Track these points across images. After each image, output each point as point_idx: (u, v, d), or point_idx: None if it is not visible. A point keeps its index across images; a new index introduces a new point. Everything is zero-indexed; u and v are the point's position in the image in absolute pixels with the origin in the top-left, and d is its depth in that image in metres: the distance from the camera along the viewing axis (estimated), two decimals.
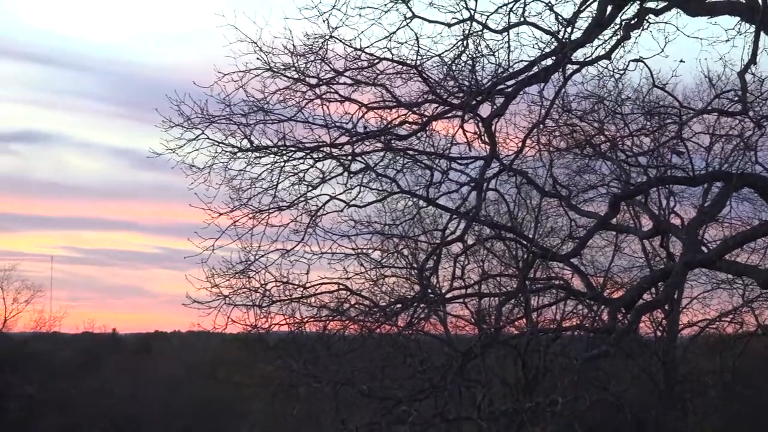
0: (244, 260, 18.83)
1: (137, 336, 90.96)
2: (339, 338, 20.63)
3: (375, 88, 18.44)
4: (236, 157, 18.29)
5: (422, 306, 19.23)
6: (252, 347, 28.34)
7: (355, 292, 20.46)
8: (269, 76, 18.17)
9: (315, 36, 18.01)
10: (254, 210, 18.43)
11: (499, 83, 18.05)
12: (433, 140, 18.68)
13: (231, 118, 18.23)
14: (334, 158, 18.42)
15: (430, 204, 19.15)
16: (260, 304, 19.25)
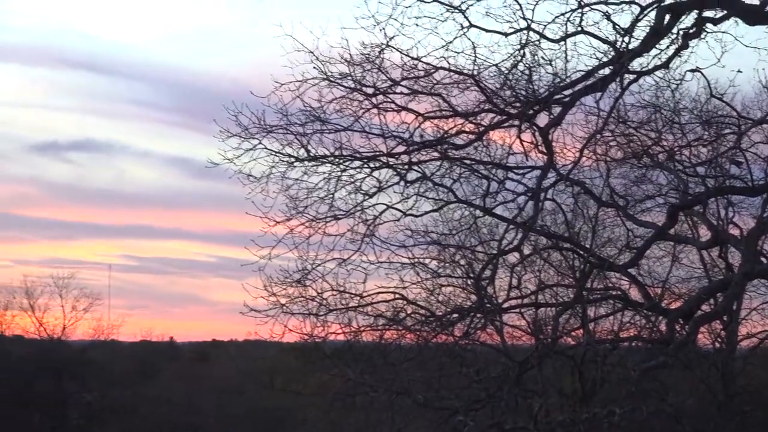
0: (301, 269, 18.91)
1: (194, 344, 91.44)
2: (395, 348, 20.63)
3: (432, 97, 18.46)
4: (293, 166, 18.37)
5: (479, 316, 19.19)
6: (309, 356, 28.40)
7: (411, 302, 20.45)
8: (326, 86, 18.26)
9: (372, 45, 18.08)
10: (311, 219, 18.49)
11: (556, 93, 18.01)
12: (490, 150, 18.68)
13: (288, 128, 18.31)
14: (391, 167, 18.44)
15: (487, 214, 19.12)
16: (317, 313, 19.29)
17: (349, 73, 18.21)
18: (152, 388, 65.38)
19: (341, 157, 18.34)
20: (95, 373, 66.38)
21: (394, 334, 20.45)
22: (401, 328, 20.01)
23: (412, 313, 20.17)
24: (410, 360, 20.47)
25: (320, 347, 21.94)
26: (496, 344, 30.01)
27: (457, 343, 20.24)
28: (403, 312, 20.16)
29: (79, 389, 64.69)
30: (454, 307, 21.83)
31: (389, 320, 20.13)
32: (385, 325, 20.21)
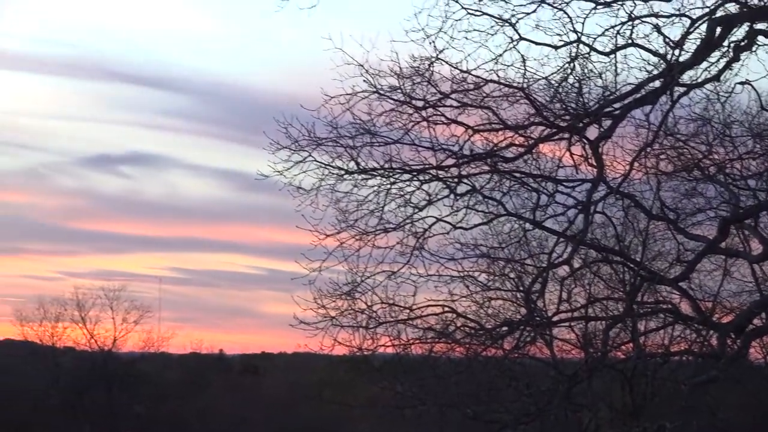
0: (351, 282, 18.92)
1: (244, 357, 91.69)
2: (445, 361, 20.62)
3: (481, 110, 18.45)
4: (343, 179, 18.41)
5: (528, 329, 19.15)
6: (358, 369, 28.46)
7: (461, 315, 20.42)
8: (376, 99, 18.29)
9: (421, 58, 18.10)
10: (360, 232, 18.52)
11: (607, 105, 17.96)
12: (540, 163, 18.64)
13: (338, 141, 18.36)
14: (441, 180, 18.44)
15: (537, 227, 19.07)
16: (366, 326, 19.29)
17: (398, 86, 18.25)
18: (202, 400, 65.64)
19: (391, 170, 18.37)
20: (145, 384, 66.77)
21: (444, 347, 20.43)
22: (450, 341, 19.97)
23: (462, 326, 20.12)
24: (459, 373, 20.43)
25: (369, 360, 21.98)
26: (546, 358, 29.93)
27: (506, 357, 20.19)
28: (452, 325, 20.13)
29: (129, 401, 65.08)
30: (504, 320, 21.82)
31: (438, 333, 20.10)
32: (434, 338, 20.18)
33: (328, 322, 18.90)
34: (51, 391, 64.47)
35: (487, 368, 20.75)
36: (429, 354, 20.52)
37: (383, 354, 20.89)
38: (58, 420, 62.10)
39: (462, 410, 19.23)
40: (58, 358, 67.99)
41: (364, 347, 19.55)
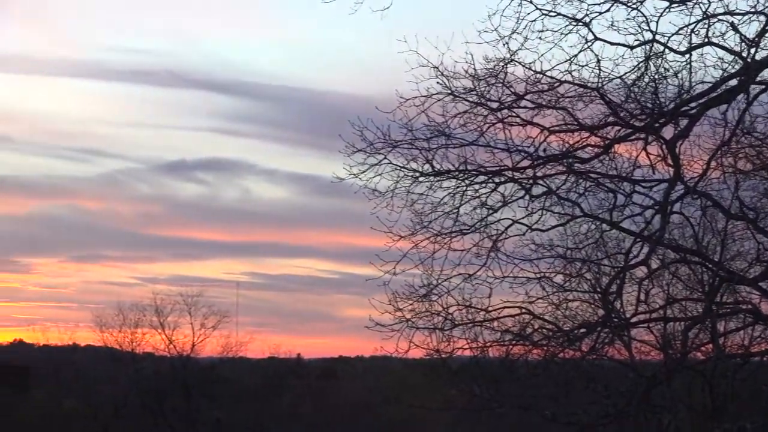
0: (426, 284, 18.93)
1: (321, 361, 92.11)
2: (522, 363, 20.55)
3: (556, 111, 18.41)
4: (418, 181, 18.45)
5: (606, 330, 19.03)
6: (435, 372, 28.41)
7: (537, 316, 20.34)
8: (450, 101, 18.31)
9: (495, 60, 18.09)
10: (436, 234, 18.54)
11: (683, 105, 17.82)
12: (616, 163, 18.54)
13: (413, 143, 18.40)
14: (516, 182, 18.42)
15: (614, 227, 18.97)
16: (442, 328, 19.29)
17: (473, 88, 18.25)
18: (280, 404, 65.95)
19: (466, 171, 18.38)
20: (224, 389, 67.20)
21: (521, 349, 20.36)
22: (527, 343, 19.90)
23: (539, 328, 20.05)
24: (537, 375, 20.35)
25: (446, 363, 21.92)
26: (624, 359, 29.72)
27: (584, 358, 20.08)
28: (529, 327, 20.07)
29: (208, 405, 65.52)
30: (581, 321, 21.68)
31: (515, 335, 20.03)
32: (511, 341, 20.11)
33: (404, 325, 18.92)
34: (131, 396, 65.09)
35: (564, 370, 20.62)
36: (506, 356, 20.45)
37: (460, 357, 20.86)
38: (138, 425, 62.70)
39: (539, 412, 19.13)
40: (137, 364, 68.66)
41: (440, 350, 19.54)
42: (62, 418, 62.34)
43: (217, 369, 70.49)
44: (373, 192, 18.47)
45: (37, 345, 79.02)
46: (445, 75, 18.15)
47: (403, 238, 18.42)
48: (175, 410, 63.85)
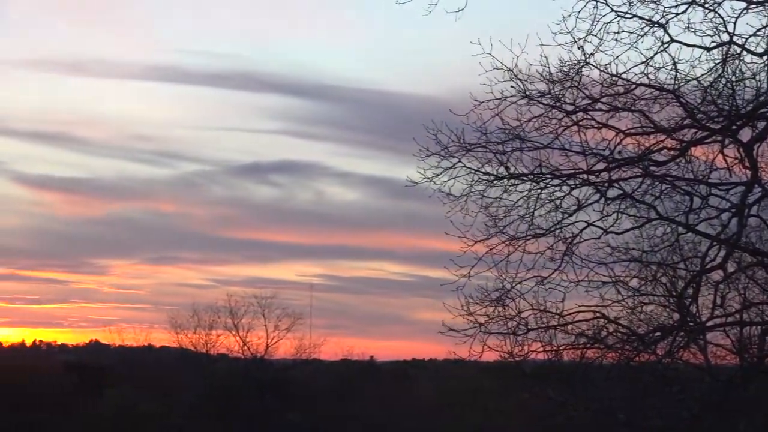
0: (500, 288, 18.89)
1: (394, 363, 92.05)
2: (597, 367, 20.43)
3: (632, 113, 18.30)
4: (493, 184, 18.42)
5: (681, 334, 18.90)
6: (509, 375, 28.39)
7: (612, 320, 20.20)
8: (525, 104, 18.26)
9: (570, 62, 18.01)
10: (510, 237, 18.50)
11: (760, 107, 17.65)
12: (692, 166, 18.43)
13: (487, 146, 18.38)
14: (591, 185, 18.34)
15: (690, 230, 18.83)
16: (516, 332, 19.22)
17: (548, 91, 18.19)
18: (353, 406, 66.04)
19: (541, 175, 18.33)
20: (297, 391, 67.42)
21: (595, 353, 20.24)
22: (602, 347, 19.79)
23: (613, 332, 19.93)
24: (612, 379, 20.22)
25: (520, 366, 21.86)
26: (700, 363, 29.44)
27: (659, 362, 19.92)
28: (604, 330, 19.95)
29: (281, 408, 65.77)
30: (657, 325, 21.53)
31: (590, 339, 19.93)
32: (585, 344, 20.01)
33: (478, 329, 18.87)
34: (205, 397, 65.51)
35: (640, 374, 20.47)
36: (580, 360, 20.35)
37: (534, 360, 20.79)
38: (211, 426, 63.05)
39: (615, 416, 19.00)
40: (212, 365, 69.10)
41: (514, 353, 19.48)
42: (137, 418, 62.87)
43: (290, 371, 70.75)
44: (448, 196, 18.48)
45: (112, 346, 79.90)
46: (519, 78, 18.12)
47: (477, 242, 18.40)
48: (248, 412, 64.15)
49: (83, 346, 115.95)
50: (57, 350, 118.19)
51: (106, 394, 67.97)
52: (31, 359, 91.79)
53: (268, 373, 68.33)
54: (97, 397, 67.58)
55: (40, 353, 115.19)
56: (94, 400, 66.91)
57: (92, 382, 71.57)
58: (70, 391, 68.53)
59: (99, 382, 71.63)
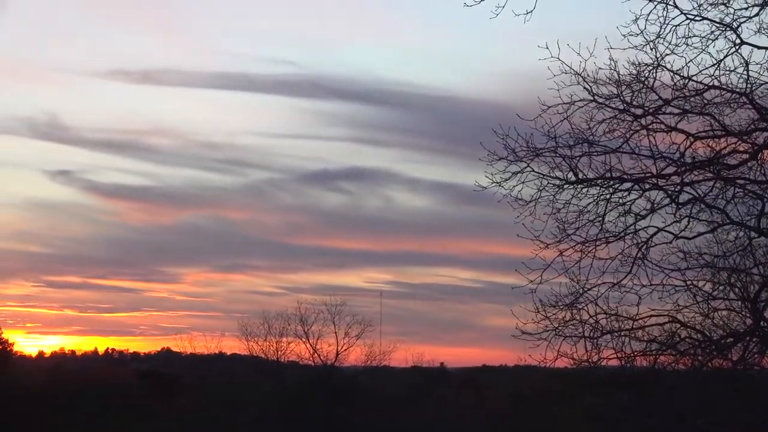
0: (572, 293, 18.74)
1: (465, 370, 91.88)
2: (670, 372, 20.22)
3: (703, 116, 18.12)
4: (562, 189, 18.30)
5: (755, 340, 18.67)
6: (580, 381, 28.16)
7: (686, 325, 20.01)
8: (594, 107, 18.13)
9: (641, 65, 17.85)
10: (581, 242, 18.36)
11: None
12: (765, 169, 18.18)
13: (556, 150, 18.27)
14: (662, 189, 18.16)
15: (763, 235, 18.60)
16: (590, 337, 19.06)
17: (617, 94, 18.06)
18: (423, 413, 65.98)
19: (611, 179, 18.19)
20: (367, 398, 67.44)
21: (668, 358, 20.04)
22: (675, 352, 19.59)
23: (687, 338, 19.73)
24: (685, 385, 20.00)
25: (593, 372, 21.70)
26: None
27: (734, 368, 19.69)
28: (677, 336, 19.75)
29: (351, 414, 65.83)
30: (730, 330, 21.30)
31: (663, 344, 19.74)
32: (658, 350, 19.82)
33: (551, 333, 18.74)
34: (275, 404, 65.73)
35: (713, 380, 20.24)
36: (653, 365, 20.15)
37: (606, 366, 20.62)
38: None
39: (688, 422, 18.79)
40: (282, 372, 69.33)
41: (587, 359, 19.33)
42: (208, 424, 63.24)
43: (360, 378, 70.80)
44: (517, 201, 18.39)
45: (184, 354, 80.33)
46: (587, 82, 18.00)
47: (548, 246, 18.28)
48: (318, 419, 64.29)
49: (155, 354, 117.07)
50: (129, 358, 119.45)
51: (177, 402, 68.41)
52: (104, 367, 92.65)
53: (338, 380, 68.40)
54: (169, 405, 68.05)
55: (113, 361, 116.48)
56: (166, 408, 67.38)
57: (164, 389, 72.12)
58: (143, 398, 69.09)
59: (171, 390, 72.16)
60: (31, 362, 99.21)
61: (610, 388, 22.04)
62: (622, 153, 18.27)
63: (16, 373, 72.50)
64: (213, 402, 66.98)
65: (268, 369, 69.66)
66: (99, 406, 65.31)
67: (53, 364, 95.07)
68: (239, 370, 75.85)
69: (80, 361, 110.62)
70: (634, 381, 20.72)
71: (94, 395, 67.13)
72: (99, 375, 76.30)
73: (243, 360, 76.02)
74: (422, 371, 77.67)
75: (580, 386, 29.87)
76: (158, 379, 76.53)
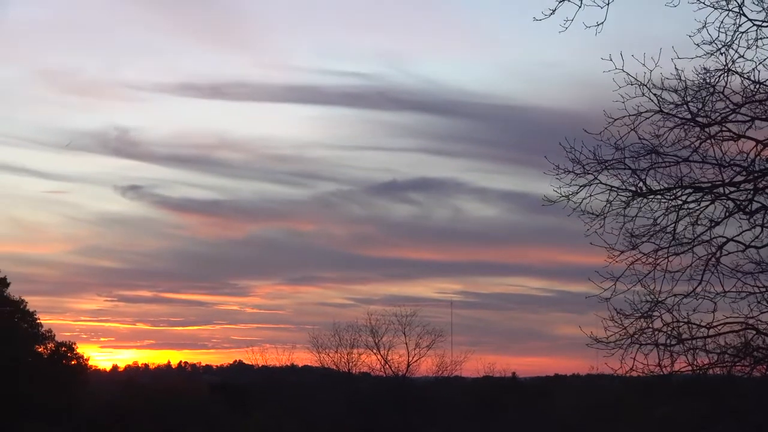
0: (645, 302, 18.70)
1: (536, 379, 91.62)
2: (745, 379, 20.10)
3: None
4: (632, 200, 18.29)
5: None
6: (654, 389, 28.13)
7: (761, 332, 19.89)
8: (661, 118, 18.11)
9: (709, 71, 17.78)
10: (654, 251, 18.32)
11: None
12: None
13: (623, 162, 18.26)
14: (731, 199, 18.09)
15: None
16: (666, 345, 18.97)
17: (684, 103, 18.01)
18: (495, 423, 65.89)
19: (680, 188, 18.15)
20: (439, 408, 67.47)
21: (744, 366, 19.91)
22: (751, 360, 19.47)
23: (762, 346, 19.60)
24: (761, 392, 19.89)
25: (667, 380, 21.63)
26: None
27: None
28: (752, 343, 19.62)
29: (423, 425, 65.87)
30: None
31: (738, 352, 19.61)
32: (734, 357, 19.71)
33: (626, 342, 18.70)
34: (347, 416, 65.92)
35: None
36: (728, 373, 20.04)
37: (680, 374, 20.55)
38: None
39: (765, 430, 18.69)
40: (354, 384, 69.52)
41: (660, 367, 19.26)
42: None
43: (432, 388, 70.82)
44: (585, 213, 18.40)
45: (255, 366, 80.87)
46: (653, 92, 17.98)
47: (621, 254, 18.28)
48: (390, 430, 64.38)
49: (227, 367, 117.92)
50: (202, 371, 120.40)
51: (250, 414, 68.83)
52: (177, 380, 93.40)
53: (409, 390, 68.46)
54: (242, 417, 68.46)
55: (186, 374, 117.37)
56: (239, 421, 67.78)
57: (237, 402, 72.57)
58: (217, 411, 69.57)
59: (243, 402, 72.60)
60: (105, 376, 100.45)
61: (684, 397, 21.96)
62: (690, 162, 18.22)
63: (91, 387, 73.26)
64: (285, 414, 67.30)
65: (340, 380, 69.89)
66: (173, 419, 65.89)
67: (127, 377, 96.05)
68: (311, 381, 76.16)
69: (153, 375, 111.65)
70: (709, 390, 20.65)
71: (167, 408, 67.74)
72: (172, 388, 76.88)
73: (314, 372, 76.38)
74: (494, 381, 77.53)
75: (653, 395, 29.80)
76: (230, 391, 77.03)
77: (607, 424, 61.04)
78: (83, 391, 69.26)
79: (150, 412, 66.96)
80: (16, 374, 60.87)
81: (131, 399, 71.04)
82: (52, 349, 67.74)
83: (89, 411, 66.11)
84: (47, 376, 63.66)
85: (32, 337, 65.95)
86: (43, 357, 67.14)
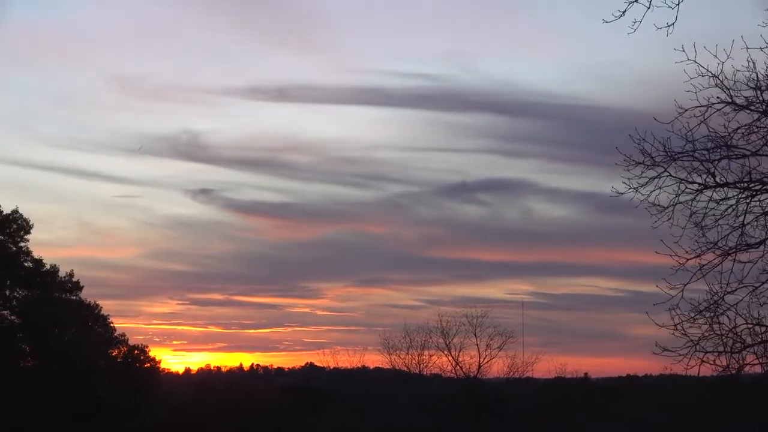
0: (711, 300, 18.40)
1: (608, 380, 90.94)
2: None
3: None
4: (700, 193, 18.02)
5: None
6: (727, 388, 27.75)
7: None
8: (732, 110, 17.81)
9: None
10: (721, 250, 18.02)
11: None
12: None
13: (693, 154, 18.00)
14: None
15: None
16: (732, 350, 18.67)
17: (755, 97, 17.70)
18: (567, 424, 65.48)
19: (750, 182, 17.85)
20: (511, 410, 67.16)
21: None
22: None
23: None
24: None
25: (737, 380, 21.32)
26: None
27: None
28: None
29: (496, 426, 65.62)
30: None
31: None
32: None
33: (692, 348, 18.44)
34: (419, 418, 65.82)
35: None
36: None
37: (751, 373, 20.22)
38: None
39: None
40: (425, 386, 69.38)
41: (730, 367, 18.97)
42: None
43: (504, 389, 70.51)
44: (654, 206, 18.16)
45: (327, 368, 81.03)
46: (725, 84, 17.68)
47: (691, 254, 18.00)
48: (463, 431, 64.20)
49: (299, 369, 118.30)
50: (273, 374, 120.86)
51: (322, 416, 68.94)
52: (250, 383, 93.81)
53: (481, 392, 68.22)
54: (313, 419, 68.60)
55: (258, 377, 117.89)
56: (311, 423, 67.93)
57: (308, 404, 72.72)
58: (289, 413, 69.77)
59: (316, 404, 72.74)
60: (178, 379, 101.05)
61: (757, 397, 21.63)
62: (761, 156, 17.92)
63: (164, 390, 73.74)
64: (357, 416, 67.31)
65: (411, 382, 69.78)
66: (245, 422, 66.17)
67: (199, 380, 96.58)
68: (382, 383, 76.12)
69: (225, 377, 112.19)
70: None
71: (239, 411, 68.04)
72: (244, 390, 77.18)
73: (385, 373, 76.32)
74: (566, 382, 76.99)
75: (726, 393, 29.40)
76: (302, 394, 77.21)
77: (681, 423, 60.41)
78: (156, 394, 69.69)
79: (222, 414, 67.27)
80: (92, 378, 61.32)
81: (203, 402, 71.43)
82: (125, 353, 68.21)
83: (162, 414, 66.47)
84: (121, 379, 64.12)
85: (106, 341, 66.42)
86: (117, 360, 67.62)
